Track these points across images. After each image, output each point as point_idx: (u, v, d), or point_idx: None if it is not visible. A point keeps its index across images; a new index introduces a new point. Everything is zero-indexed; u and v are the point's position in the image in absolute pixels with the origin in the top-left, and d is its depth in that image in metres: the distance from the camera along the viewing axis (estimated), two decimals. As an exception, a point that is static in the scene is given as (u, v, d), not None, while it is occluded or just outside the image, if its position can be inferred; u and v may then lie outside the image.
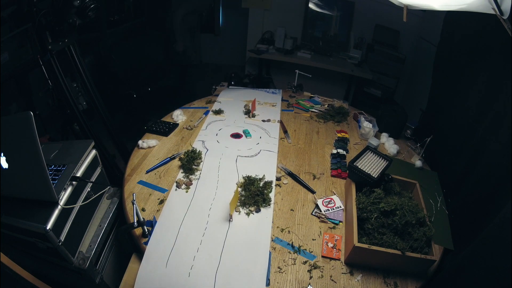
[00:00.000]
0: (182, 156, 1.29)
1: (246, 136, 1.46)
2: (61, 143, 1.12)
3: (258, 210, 1.10)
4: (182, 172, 1.23)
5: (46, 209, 0.89)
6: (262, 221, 1.06)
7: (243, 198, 1.13)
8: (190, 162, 1.25)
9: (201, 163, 1.28)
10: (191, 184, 1.18)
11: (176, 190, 1.16)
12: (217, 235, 0.99)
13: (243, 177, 1.22)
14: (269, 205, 1.12)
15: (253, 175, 1.23)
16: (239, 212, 1.09)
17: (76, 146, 1.08)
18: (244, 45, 3.23)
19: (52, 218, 0.89)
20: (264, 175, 1.23)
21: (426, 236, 0.93)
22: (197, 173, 1.23)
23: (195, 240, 0.97)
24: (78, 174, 0.99)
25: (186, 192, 1.15)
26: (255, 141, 1.44)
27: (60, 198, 0.91)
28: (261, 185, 1.19)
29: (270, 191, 1.17)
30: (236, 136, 1.47)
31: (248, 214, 1.08)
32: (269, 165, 1.30)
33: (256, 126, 1.57)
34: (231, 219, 1.05)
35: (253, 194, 1.13)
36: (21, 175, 0.86)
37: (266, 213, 1.09)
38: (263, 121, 1.64)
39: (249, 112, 1.69)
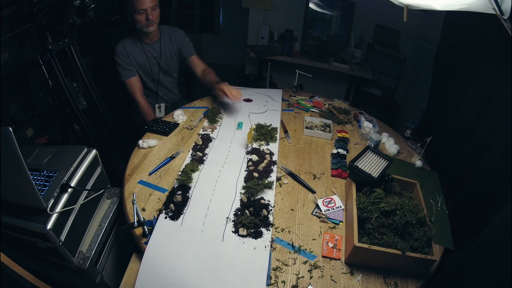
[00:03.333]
0: (208, 110, 1.68)
1: (237, 128, 1.58)
2: (56, 147, 1.12)
3: (267, 144, 1.44)
4: (207, 122, 1.59)
5: (46, 209, 0.89)
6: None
7: (255, 137, 1.47)
8: (214, 115, 1.64)
9: (222, 117, 1.65)
10: (216, 128, 1.55)
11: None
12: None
13: (255, 124, 1.57)
14: (275, 141, 1.46)
15: (263, 123, 1.59)
16: (251, 147, 1.39)
17: (69, 152, 1.08)
18: (244, 45, 3.23)
19: (52, 218, 0.89)
20: (271, 124, 1.58)
21: (427, 236, 0.92)
22: (219, 122, 1.61)
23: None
24: (71, 181, 0.99)
25: (212, 133, 1.51)
26: (262, 104, 1.82)
27: (49, 205, 0.90)
28: (269, 129, 1.54)
29: (276, 134, 1.51)
30: (247, 100, 1.84)
31: (260, 146, 1.42)
32: (274, 119, 1.66)
33: (262, 94, 1.93)
34: (247, 148, 1.39)
35: (263, 133, 1.50)
36: (9, 186, 0.88)
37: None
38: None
39: None
